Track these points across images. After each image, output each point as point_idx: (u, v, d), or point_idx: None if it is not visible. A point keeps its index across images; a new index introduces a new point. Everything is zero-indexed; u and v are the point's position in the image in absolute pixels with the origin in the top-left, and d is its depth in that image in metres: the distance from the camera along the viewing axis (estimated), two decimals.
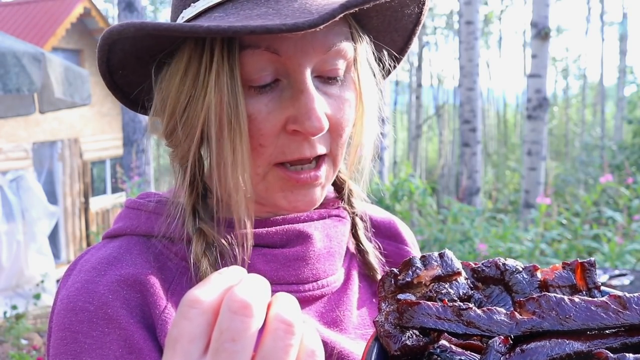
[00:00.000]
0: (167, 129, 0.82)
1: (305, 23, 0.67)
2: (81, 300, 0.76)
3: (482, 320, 0.63)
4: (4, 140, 10.02)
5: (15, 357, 5.39)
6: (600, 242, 5.51)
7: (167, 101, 0.80)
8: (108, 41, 0.75)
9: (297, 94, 0.77)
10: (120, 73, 0.83)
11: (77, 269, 0.82)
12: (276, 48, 0.75)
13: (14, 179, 9.71)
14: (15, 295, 8.83)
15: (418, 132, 22.98)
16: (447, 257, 0.72)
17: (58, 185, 11.28)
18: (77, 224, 11.58)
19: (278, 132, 0.78)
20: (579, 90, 36.73)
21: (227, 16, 0.74)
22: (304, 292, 0.86)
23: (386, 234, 1.04)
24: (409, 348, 0.64)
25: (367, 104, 0.86)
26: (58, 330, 0.76)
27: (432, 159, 31.04)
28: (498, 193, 17.98)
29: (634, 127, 16.20)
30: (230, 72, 0.75)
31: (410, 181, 6.75)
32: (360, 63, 0.84)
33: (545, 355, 0.60)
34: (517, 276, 0.70)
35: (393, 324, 0.65)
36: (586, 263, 0.70)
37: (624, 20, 25.24)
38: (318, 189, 0.84)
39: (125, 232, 0.86)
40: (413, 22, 0.89)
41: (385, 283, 0.71)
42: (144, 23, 0.71)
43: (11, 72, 4.11)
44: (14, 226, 9.24)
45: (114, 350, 0.73)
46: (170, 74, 0.80)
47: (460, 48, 10.21)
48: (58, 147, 11.29)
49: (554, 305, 0.62)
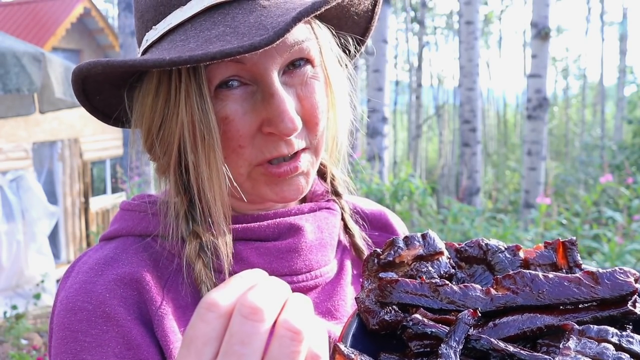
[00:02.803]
0: (146, 145, 0.86)
1: (262, 42, 0.70)
2: (80, 300, 0.79)
3: (457, 296, 0.66)
4: (4, 140, 10.02)
5: (15, 357, 5.39)
6: (600, 242, 5.51)
7: (142, 120, 0.84)
8: (80, 76, 0.79)
9: (267, 97, 0.79)
10: (98, 98, 0.86)
11: (76, 271, 0.84)
12: (239, 58, 0.78)
13: (14, 179, 9.71)
14: (15, 295, 8.83)
15: (418, 132, 22.97)
16: (430, 238, 0.75)
17: (58, 185, 11.28)
18: (77, 224, 11.58)
19: (254, 133, 0.81)
20: (579, 90, 36.74)
21: (187, 40, 0.77)
22: (298, 283, 0.89)
23: (377, 225, 1.07)
24: (387, 323, 0.67)
25: (337, 92, 0.89)
26: (58, 330, 0.79)
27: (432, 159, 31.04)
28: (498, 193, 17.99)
29: (634, 127, 16.19)
30: (198, 90, 0.78)
31: (410, 181, 6.75)
32: (325, 54, 0.86)
33: (517, 329, 0.63)
34: (499, 255, 0.73)
35: (374, 301, 0.68)
36: (567, 242, 0.72)
37: (624, 20, 25.24)
38: (301, 178, 0.86)
39: (121, 233, 0.89)
40: (372, 2, 0.91)
41: (369, 262, 0.74)
42: (110, 61, 0.75)
43: (11, 72, 4.11)
44: (14, 226, 9.24)
45: (113, 347, 0.76)
46: (143, 95, 0.83)
47: (460, 48, 10.22)
48: (58, 147, 11.28)
49: (528, 281, 0.65)
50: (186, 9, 0.79)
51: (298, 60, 0.83)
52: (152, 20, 0.83)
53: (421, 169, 25.17)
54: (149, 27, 0.84)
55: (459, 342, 0.60)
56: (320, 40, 0.86)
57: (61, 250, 11.21)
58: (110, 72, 0.79)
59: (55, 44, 11.04)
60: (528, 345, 0.64)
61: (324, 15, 0.88)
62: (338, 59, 0.90)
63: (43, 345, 6.24)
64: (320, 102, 0.85)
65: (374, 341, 0.68)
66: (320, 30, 0.86)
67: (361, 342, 0.67)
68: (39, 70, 4.32)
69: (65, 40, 11.61)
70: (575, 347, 0.58)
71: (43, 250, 9.52)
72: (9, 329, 6.91)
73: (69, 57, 11.63)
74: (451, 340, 0.61)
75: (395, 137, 27.67)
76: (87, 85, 0.82)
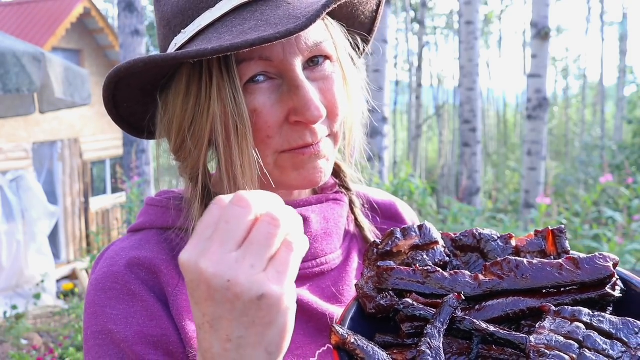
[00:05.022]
0: (176, 145, 0.91)
1: (297, 27, 0.75)
2: (109, 281, 0.88)
3: (447, 281, 0.72)
4: (4, 140, 10.02)
5: (15, 357, 5.39)
6: (600, 242, 5.51)
7: (173, 120, 0.89)
8: (115, 79, 0.83)
9: (293, 89, 0.85)
10: (125, 106, 0.92)
11: (105, 257, 0.94)
12: (268, 56, 0.83)
13: (14, 179, 9.71)
14: (15, 295, 8.83)
15: (418, 132, 22.97)
16: (426, 229, 0.82)
17: (58, 185, 11.28)
18: (77, 224, 11.58)
19: (282, 123, 0.86)
20: (579, 90, 36.73)
21: (221, 35, 0.81)
22: (303, 269, 0.95)
23: (387, 215, 1.14)
24: (383, 307, 0.74)
25: (353, 86, 0.96)
26: (89, 307, 0.88)
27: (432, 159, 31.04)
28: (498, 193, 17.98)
29: (634, 127, 16.20)
30: (231, 83, 0.83)
31: (410, 181, 6.75)
32: (340, 51, 0.93)
33: (501, 311, 0.69)
34: (492, 244, 0.79)
35: (372, 287, 0.75)
36: (556, 230, 0.78)
37: (624, 20, 25.23)
38: (324, 161, 0.91)
39: (145, 226, 0.97)
40: (377, 3, 0.98)
41: (369, 252, 0.81)
42: (152, 57, 0.80)
43: (11, 72, 4.11)
44: (14, 226, 9.25)
45: (137, 319, 0.85)
46: (174, 96, 0.88)
47: (460, 48, 10.22)
48: (58, 147, 11.29)
49: (513, 267, 0.71)
50: (215, 10, 0.84)
51: (317, 57, 0.88)
52: (180, 25, 0.87)
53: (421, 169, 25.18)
54: (177, 32, 0.87)
55: (443, 323, 0.67)
56: (336, 38, 0.92)
57: (61, 250, 11.21)
58: (149, 71, 0.83)
59: (55, 44, 11.04)
60: (513, 326, 0.70)
61: (336, 15, 0.94)
62: (351, 56, 0.97)
63: (43, 345, 6.23)
64: (340, 95, 0.91)
65: (371, 324, 0.74)
66: (335, 28, 0.92)
67: (359, 324, 0.73)
68: (39, 70, 4.32)
69: (65, 40, 11.61)
70: (550, 326, 0.64)
71: (43, 250, 9.52)
72: (9, 329, 6.91)
73: (69, 57, 11.62)
74: (436, 321, 0.67)
75: (395, 137, 27.67)
76: (118, 90, 0.86)
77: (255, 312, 0.61)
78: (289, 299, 0.62)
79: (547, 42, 7.93)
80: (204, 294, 0.62)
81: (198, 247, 0.62)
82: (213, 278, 0.60)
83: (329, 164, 0.93)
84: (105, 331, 0.85)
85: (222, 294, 0.60)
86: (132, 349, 0.83)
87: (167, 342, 0.85)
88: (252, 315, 0.61)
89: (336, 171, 1.09)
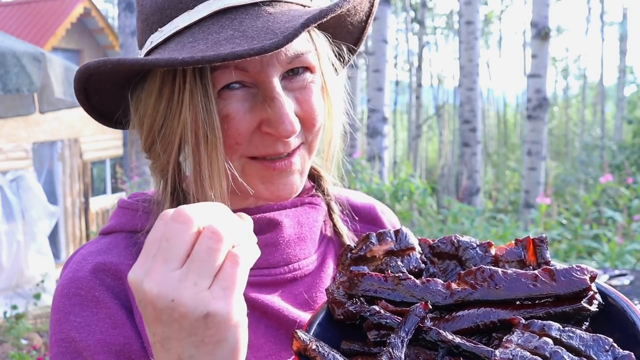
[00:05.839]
0: (146, 144, 0.89)
1: (272, 45, 0.72)
2: (73, 287, 0.86)
3: (418, 289, 0.70)
4: (4, 140, 10.02)
5: (15, 357, 5.39)
6: (600, 242, 5.51)
7: (144, 119, 0.86)
8: (85, 74, 0.81)
9: (268, 100, 0.82)
10: (97, 98, 0.89)
11: (72, 261, 0.92)
12: (244, 67, 0.81)
13: (14, 179, 9.71)
14: (15, 295, 8.83)
15: (418, 132, 22.97)
16: (402, 234, 0.80)
17: (58, 185, 11.28)
18: (77, 224, 11.58)
19: (253, 131, 0.84)
20: (579, 90, 36.72)
21: (196, 42, 0.79)
22: (275, 275, 0.93)
23: (366, 218, 1.11)
24: (351, 313, 0.71)
25: (334, 98, 0.92)
26: (54, 313, 0.87)
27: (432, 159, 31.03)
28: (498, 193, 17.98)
29: (634, 127, 16.20)
30: (204, 91, 0.80)
31: (410, 181, 6.75)
32: (323, 62, 0.90)
33: (471, 322, 0.67)
34: (471, 252, 0.77)
35: (343, 293, 0.73)
36: (537, 239, 0.75)
37: (624, 20, 25.23)
38: (296, 176, 0.89)
39: (115, 229, 0.95)
40: (367, 14, 0.95)
41: (343, 256, 0.79)
42: (121, 60, 0.77)
43: (11, 72, 4.11)
44: (14, 226, 9.24)
45: (100, 327, 0.84)
46: (146, 95, 0.85)
47: (460, 48, 10.22)
48: (58, 147, 11.28)
49: (487, 277, 0.69)
50: (193, 12, 0.81)
51: (298, 68, 0.86)
52: (157, 22, 0.85)
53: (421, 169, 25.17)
54: (154, 30, 0.85)
55: (408, 333, 0.65)
56: (319, 49, 0.88)
57: (61, 250, 11.21)
58: (119, 71, 0.81)
59: (55, 44, 11.04)
60: (484, 338, 0.67)
61: (322, 24, 0.89)
62: (334, 66, 0.93)
63: (43, 345, 6.23)
64: (318, 105, 0.88)
65: (340, 331, 0.72)
66: (319, 38, 0.89)
67: (327, 330, 0.71)
68: (39, 70, 4.32)
69: (65, 40, 11.61)
70: (517, 340, 0.61)
71: (43, 250, 9.51)
72: (9, 329, 6.91)
73: (69, 57, 11.63)
74: (401, 330, 0.65)
75: (395, 137, 27.66)
76: (89, 84, 0.84)
77: (203, 331, 0.60)
78: (237, 315, 0.61)
79: (547, 42, 7.93)
80: (151, 315, 0.61)
81: (143, 267, 0.61)
82: (157, 299, 0.59)
83: (302, 178, 0.90)
84: (69, 339, 0.83)
85: (168, 314, 0.59)
86: (94, 357, 0.82)
87: (129, 351, 0.83)
88: (201, 334, 0.60)
89: (313, 174, 1.05)
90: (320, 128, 0.90)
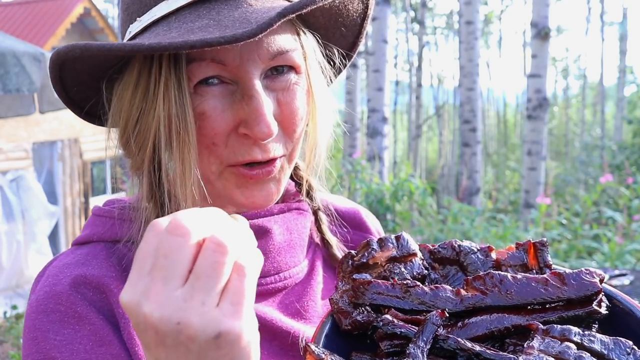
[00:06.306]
0: (122, 141, 0.85)
1: (244, 34, 0.69)
2: (51, 302, 0.79)
3: (427, 296, 0.68)
4: (4, 140, 10.01)
5: (15, 357, 5.39)
6: (600, 242, 5.51)
7: (121, 114, 0.82)
8: (57, 62, 0.77)
9: (246, 99, 0.78)
10: (75, 90, 0.85)
11: (46, 274, 0.85)
12: (221, 59, 0.77)
13: (14, 179, 9.71)
14: (15, 295, 8.83)
15: (418, 132, 22.97)
16: (404, 240, 0.77)
17: (58, 185, 11.28)
18: (77, 224, 11.57)
19: (230, 132, 0.80)
20: (579, 90, 36.71)
21: (170, 31, 0.76)
22: (266, 285, 0.89)
23: (351, 223, 1.07)
24: (359, 323, 0.69)
25: (319, 102, 0.87)
26: (29, 331, 0.79)
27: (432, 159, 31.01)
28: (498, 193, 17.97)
29: (634, 127, 16.19)
30: (177, 84, 0.76)
31: (410, 181, 6.75)
32: (309, 62, 0.85)
33: (485, 329, 0.65)
34: (472, 256, 0.75)
35: (348, 302, 0.70)
36: (538, 243, 0.74)
37: (624, 20, 25.22)
38: (273, 184, 0.85)
39: (91, 239, 0.88)
40: (361, 16, 0.91)
41: (344, 264, 0.76)
42: (88, 44, 0.74)
43: (11, 72, 4.11)
44: (14, 226, 9.24)
45: (84, 345, 0.77)
46: (122, 88, 0.82)
47: (460, 48, 10.22)
48: (58, 147, 11.28)
49: (497, 282, 0.67)
50: (171, 1, 0.79)
51: (282, 67, 0.82)
52: (136, 12, 0.82)
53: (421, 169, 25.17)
54: (134, 19, 0.83)
55: (426, 342, 0.62)
56: (306, 48, 0.85)
57: (61, 250, 11.18)
58: (89, 58, 0.77)
59: (55, 44, 11.05)
60: (497, 344, 0.66)
61: (312, 24, 0.87)
62: (322, 69, 0.89)
63: None
64: (300, 109, 0.84)
65: (347, 341, 0.69)
66: (307, 38, 0.86)
67: (334, 342, 0.68)
68: (39, 70, 4.32)
69: (65, 40, 11.62)
70: (539, 346, 0.60)
71: (43, 250, 9.51)
72: (9, 329, 6.91)
73: None
74: (419, 340, 0.62)
75: (395, 137, 27.65)
76: (65, 73, 0.80)
77: (214, 353, 0.55)
78: (249, 332, 0.57)
79: (547, 42, 7.93)
80: (153, 339, 0.55)
81: (139, 286, 0.55)
82: (160, 322, 0.54)
83: (281, 187, 0.87)
84: (48, 359, 0.76)
85: (174, 337, 0.54)
86: None
87: None
88: (212, 356, 0.55)
89: (299, 182, 1.00)
90: (301, 134, 0.86)
